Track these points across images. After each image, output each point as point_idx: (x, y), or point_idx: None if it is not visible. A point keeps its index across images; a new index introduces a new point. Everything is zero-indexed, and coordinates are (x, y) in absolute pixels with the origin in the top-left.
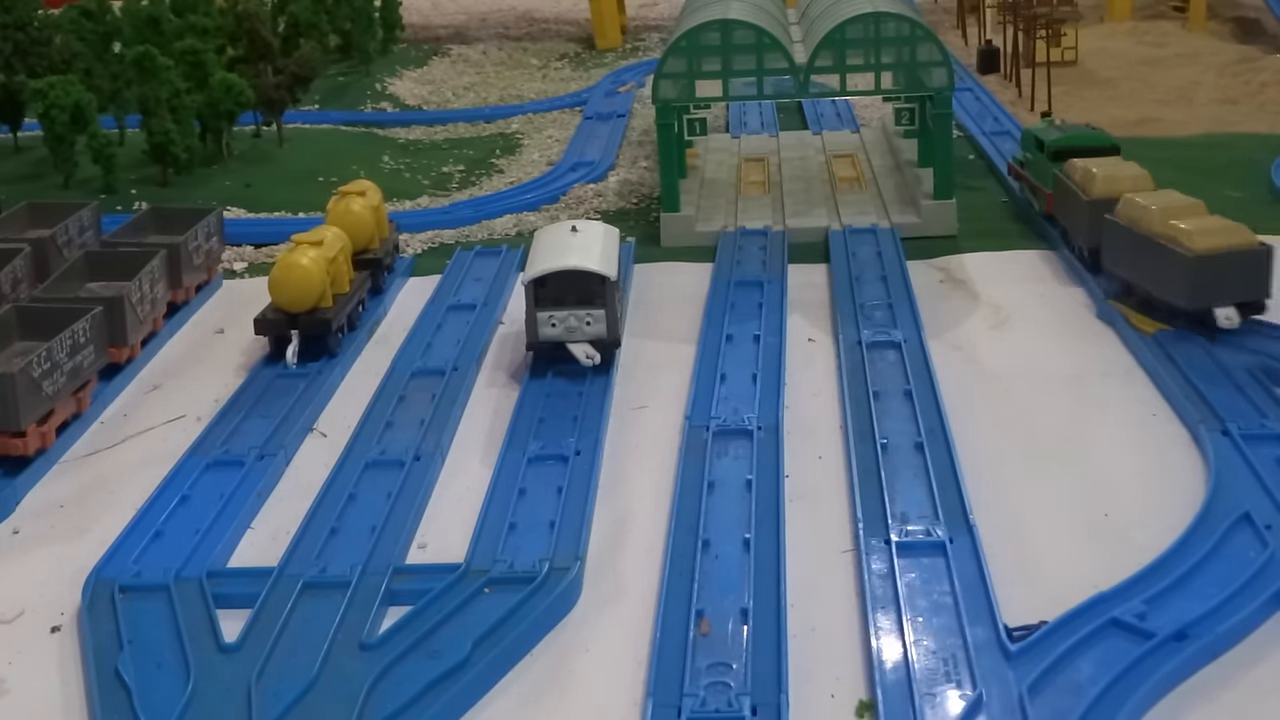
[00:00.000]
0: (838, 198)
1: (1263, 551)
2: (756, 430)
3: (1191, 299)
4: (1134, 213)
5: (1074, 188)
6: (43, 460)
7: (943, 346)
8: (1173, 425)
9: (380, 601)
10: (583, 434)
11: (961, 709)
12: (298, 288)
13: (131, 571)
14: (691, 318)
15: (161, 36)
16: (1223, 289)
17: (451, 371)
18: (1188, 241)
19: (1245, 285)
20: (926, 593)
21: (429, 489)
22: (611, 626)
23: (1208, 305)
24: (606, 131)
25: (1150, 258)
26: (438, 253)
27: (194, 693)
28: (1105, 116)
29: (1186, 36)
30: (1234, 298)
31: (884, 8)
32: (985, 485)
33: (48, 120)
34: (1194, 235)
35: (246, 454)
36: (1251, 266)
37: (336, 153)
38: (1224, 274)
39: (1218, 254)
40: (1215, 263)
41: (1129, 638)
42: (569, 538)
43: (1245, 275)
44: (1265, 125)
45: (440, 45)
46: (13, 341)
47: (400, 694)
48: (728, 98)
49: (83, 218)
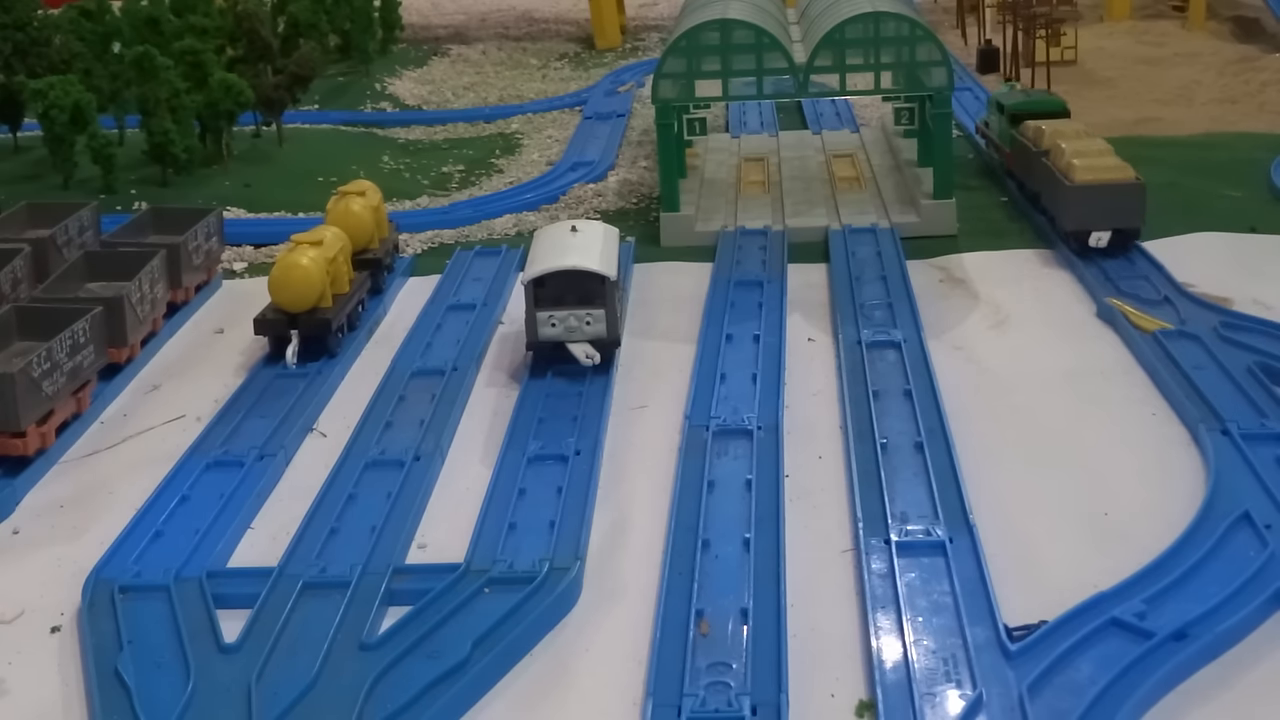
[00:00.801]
0: (837, 197)
1: (1262, 551)
2: (756, 430)
3: (1072, 222)
4: (1043, 141)
5: (1028, 144)
6: (42, 460)
7: (942, 346)
8: (1172, 425)
9: (380, 601)
10: (582, 434)
11: (961, 709)
12: (297, 288)
13: (131, 572)
14: (691, 317)
15: (161, 37)
16: (1099, 215)
17: (451, 371)
18: (1072, 173)
19: (1120, 214)
20: (926, 592)
21: (429, 489)
22: (611, 626)
23: (1086, 228)
24: (606, 131)
25: (1047, 181)
26: (437, 253)
27: (194, 693)
28: (1104, 116)
29: (1186, 36)
30: (1109, 224)
31: (884, 7)
32: (985, 485)
33: (47, 120)
34: (1079, 169)
35: (246, 454)
36: (1126, 198)
37: (336, 153)
38: (1101, 203)
39: (1096, 185)
40: (1093, 192)
41: (1129, 637)
42: (569, 538)
43: (1120, 205)
44: (1265, 125)
45: (440, 45)
46: (12, 342)
47: (400, 694)
48: (727, 97)
49: (82, 218)
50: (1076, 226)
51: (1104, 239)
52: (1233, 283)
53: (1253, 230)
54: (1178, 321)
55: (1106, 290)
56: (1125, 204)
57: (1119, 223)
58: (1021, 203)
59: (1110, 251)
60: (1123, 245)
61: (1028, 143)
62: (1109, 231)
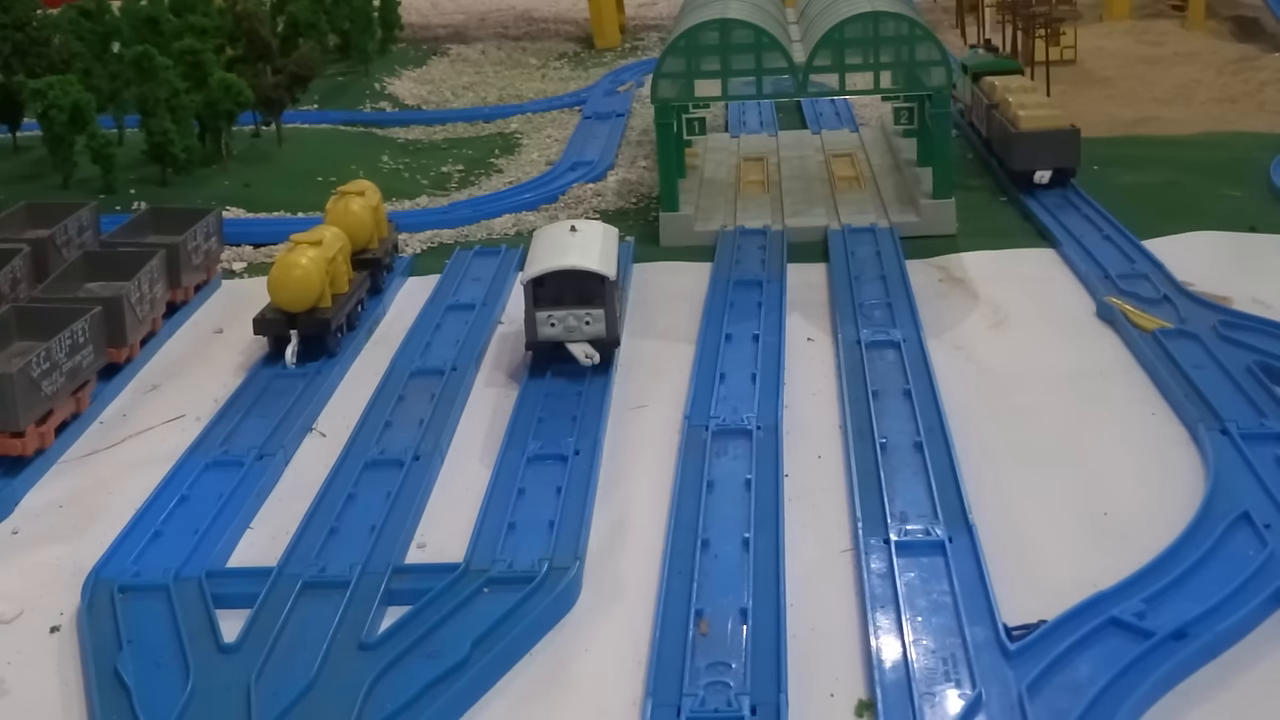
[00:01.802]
0: (837, 197)
1: (1262, 550)
2: (755, 430)
3: (1017, 162)
4: (995, 95)
5: (984, 97)
6: (42, 460)
7: (942, 345)
8: (1172, 424)
9: (379, 601)
10: (582, 434)
11: (961, 708)
12: (297, 288)
13: (131, 571)
14: (690, 317)
15: (160, 36)
16: (1041, 156)
17: (450, 371)
18: (1018, 121)
19: (1059, 155)
20: (926, 592)
21: (428, 489)
22: (611, 626)
23: (1030, 168)
24: (605, 131)
25: (999, 128)
26: (437, 252)
27: (193, 692)
28: (1104, 115)
29: (1185, 35)
30: (1050, 164)
31: (883, 7)
32: (984, 484)
33: (46, 120)
34: (1023, 118)
35: (246, 454)
36: (1064, 142)
37: (335, 153)
38: (1042, 146)
39: (1038, 131)
40: (1036, 137)
41: (1128, 637)
42: (568, 537)
43: (1059, 148)
44: (1264, 124)
45: (439, 45)
46: (12, 341)
47: (400, 694)
48: (726, 97)
49: (81, 218)
50: (1022, 167)
51: (1045, 177)
52: (1232, 282)
53: (1252, 229)
54: (1177, 321)
55: (1106, 289)
56: (1064, 147)
57: (1058, 163)
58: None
59: (1106, 255)
60: (1061, 182)
61: (984, 96)
62: (1050, 171)
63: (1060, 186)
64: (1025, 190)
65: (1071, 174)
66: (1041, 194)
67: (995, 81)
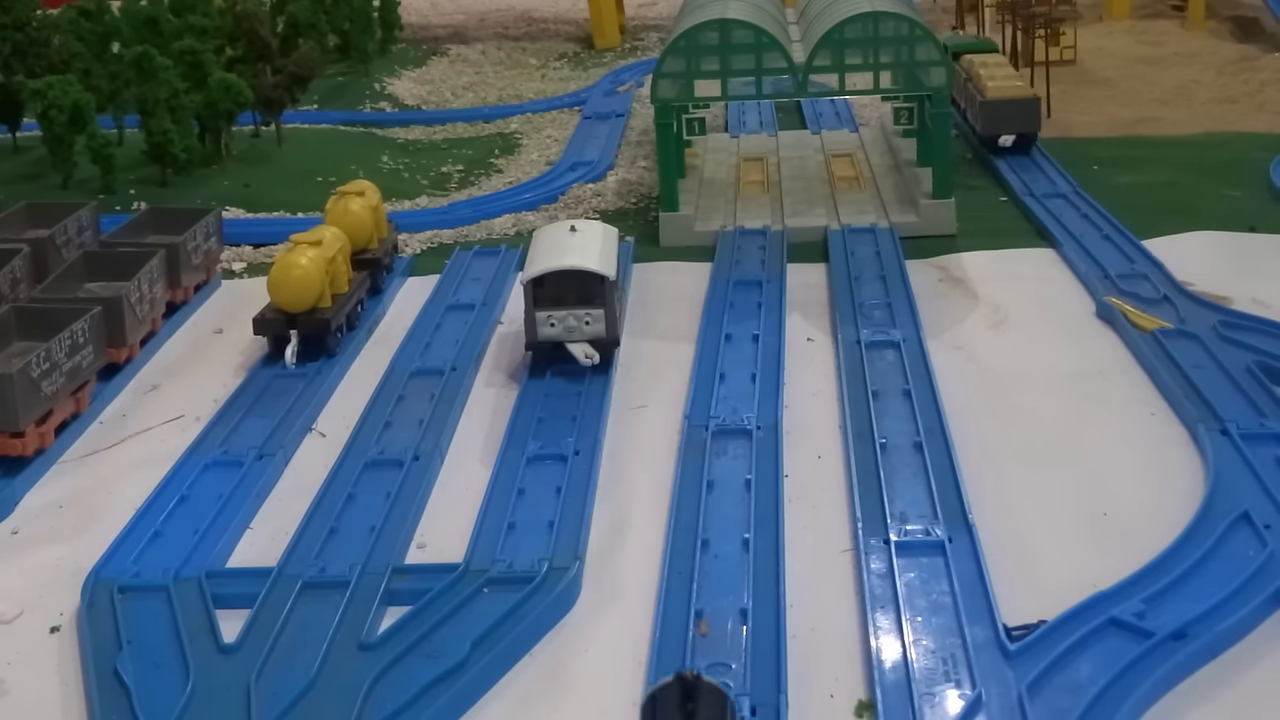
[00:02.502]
0: (836, 197)
1: (1262, 551)
2: (755, 430)
3: (985, 128)
4: (970, 69)
5: (961, 72)
6: (42, 460)
7: (942, 346)
8: (1171, 424)
9: (379, 601)
10: (582, 434)
11: (961, 708)
12: (296, 288)
13: (130, 572)
14: (690, 317)
15: (160, 37)
16: (1005, 122)
17: (450, 371)
18: (985, 91)
19: (1022, 121)
20: (925, 592)
21: (428, 489)
22: (611, 626)
23: (996, 134)
24: (605, 131)
25: (970, 98)
26: (436, 252)
27: (193, 693)
28: (1104, 115)
29: (1185, 36)
30: (1014, 129)
31: (883, 7)
32: (984, 484)
33: (46, 120)
34: (991, 88)
35: (245, 454)
36: (1026, 109)
37: (335, 153)
38: (1007, 113)
39: (1003, 100)
40: (1001, 105)
41: (1128, 637)
42: (568, 537)
43: (1022, 115)
44: (1264, 124)
45: (439, 45)
46: (11, 342)
47: (399, 694)
48: (726, 97)
49: (81, 218)
50: (988, 131)
51: (1009, 141)
52: (1232, 282)
53: (1252, 230)
54: (1177, 320)
55: (1106, 289)
56: (1026, 114)
57: (1021, 128)
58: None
59: (1106, 255)
60: (1024, 147)
61: (961, 71)
62: (1014, 135)
63: (1023, 151)
64: (993, 151)
65: (1033, 139)
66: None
67: (971, 59)
